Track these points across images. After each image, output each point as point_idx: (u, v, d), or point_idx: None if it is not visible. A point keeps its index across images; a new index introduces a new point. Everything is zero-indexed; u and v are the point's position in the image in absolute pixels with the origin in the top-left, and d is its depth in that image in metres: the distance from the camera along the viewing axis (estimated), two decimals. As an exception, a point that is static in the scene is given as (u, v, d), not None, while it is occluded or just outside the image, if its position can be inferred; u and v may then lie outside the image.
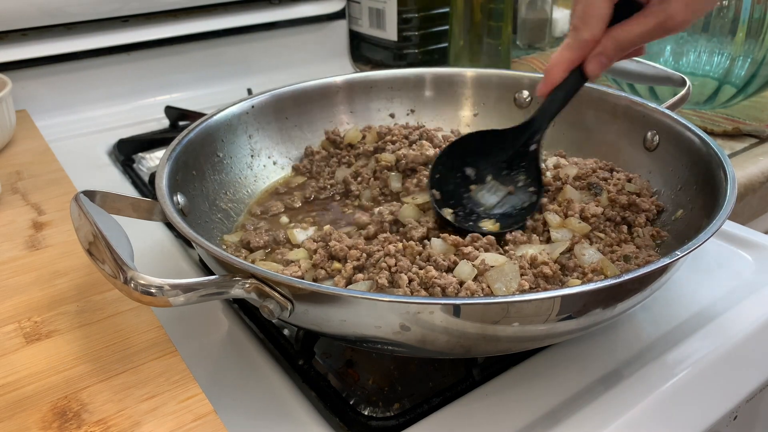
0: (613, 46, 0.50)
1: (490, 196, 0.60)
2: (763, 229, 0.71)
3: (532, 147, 0.58)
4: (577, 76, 0.53)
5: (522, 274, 0.48)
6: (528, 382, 0.47)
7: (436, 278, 0.46)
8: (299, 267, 0.50)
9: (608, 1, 0.49)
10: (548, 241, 0.54)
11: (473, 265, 0.48)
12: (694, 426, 0.46)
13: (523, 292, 0.46)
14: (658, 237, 0.55)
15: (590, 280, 0.48)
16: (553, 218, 0.55)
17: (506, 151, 0.60)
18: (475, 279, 0.47)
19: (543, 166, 0.63)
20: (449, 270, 0.48)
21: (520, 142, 0.59)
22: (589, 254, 0.51)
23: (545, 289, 0.47)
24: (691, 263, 0.59)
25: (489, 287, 0.46)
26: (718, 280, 0.57)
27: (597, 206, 0.57)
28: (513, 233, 0.54)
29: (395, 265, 0.47)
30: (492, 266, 0.48)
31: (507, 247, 0.52)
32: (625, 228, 0.56)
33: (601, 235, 0.55)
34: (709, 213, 0.48)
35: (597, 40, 0.50)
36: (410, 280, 0.46)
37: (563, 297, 0.39)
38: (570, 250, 0.52)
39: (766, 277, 0.57)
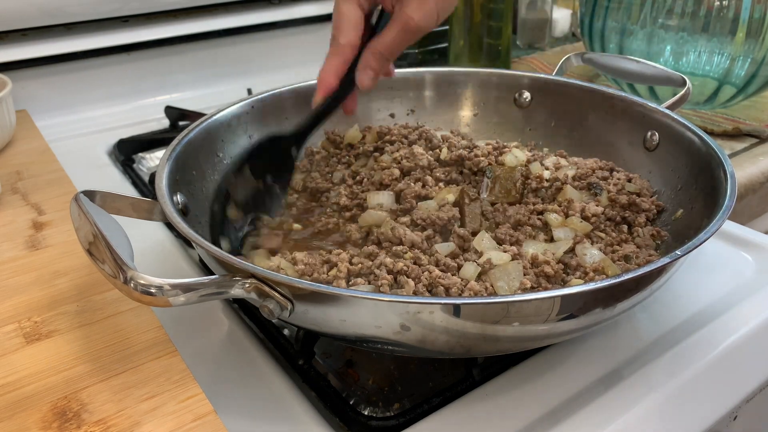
0: (374, 57, 0.54)
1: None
2: (763, 229, 0.71)
3: (294, 151, 0.62)
4: (346, 84, 0.56)
5: (524, 274, 0.48)
6: (528, 382, 0.47)
7: (440, 278, 0.46)
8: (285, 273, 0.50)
9: (356, 8, 0.53)
10: (551, 240, 0.54)
11: (477, 264, 0.48)
12: (694, 426, 0.46)
13: (524, 291, 0.46)
14: (658, 237, 0.55)
15: (592, 280, 0.48)
16: (554, 218, 0.55)
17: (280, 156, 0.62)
18: (478, 277, 0.47)
19: (541, 165, 0.64)
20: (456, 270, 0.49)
21: (286, 145, 0.62)
22: (591, 254, 0.51)
23: (546, 289, 0.47)
24: (691, 263, 0.59)
25: (492, 286, 0.46)
26: (718, 280, 0.57)
27: (597, 206, 0.57)
28: (515, 232, 0.54)
29: (406, 267, 0.47)
30: (496, 265, 0.48)
31: (511, 247, 0.52)
32: (625, 228, 0.56)
33: (602, 234, 0.55)
34: (709, 213, 0.48)
35: (354, 45, 0.54)
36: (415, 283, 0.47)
37: (563, 297, 0.39)
38: (572, 249, 0.52)
39: (766, 277, 0.57)
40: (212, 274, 0.47)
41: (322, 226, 0.59)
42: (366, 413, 0.46)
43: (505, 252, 0.50)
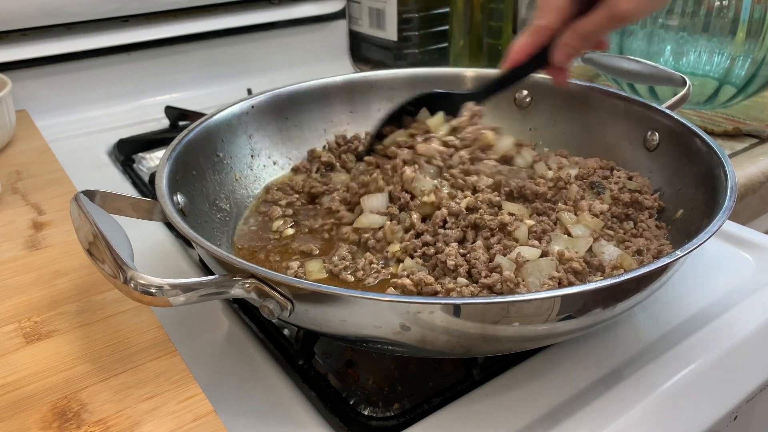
0: (575, 36, 0.55)
1: None
2: (763, 229, 0.71)
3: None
4: (537, 60, 0.58)
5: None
6: (528, 382, 0.47)
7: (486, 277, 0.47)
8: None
9: None
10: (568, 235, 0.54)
11: (509, 260, 0.48)
12: (694, 426, 0.46)
13: (554, 286, 0.47)
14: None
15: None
16: (569, 217, 0.55)
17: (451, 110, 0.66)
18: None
19: (546, 165, 0.63)
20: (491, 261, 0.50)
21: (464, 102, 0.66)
22: (609, 251, 0.51)
23: (573, 285, 0.47)
24: (691, 263, 0.59)
25: (524, 280, 0.47)
26: (718, 280, 0.57)
27: (602, 204, 0.57)
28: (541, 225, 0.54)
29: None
30: (528, 260, 0.48)
31: (541, 241, 0.52)
32: (630, 224, 0.56)
33: (611, 232, 0.55)
34: (709, 213, 0.48)
35: (553, 28, 0.55)
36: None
37: (563, 297, 0.39)
38: (589, 249, 0.52)
39: (766, 277, 0.57)
40: (212, 274, 0.47)
41: (320, 227, 0.60)
42: (366, 413, 0.46)
43: (535, 247, 0.50)
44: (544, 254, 0.50)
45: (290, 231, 0.60)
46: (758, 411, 0.54)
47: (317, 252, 0.56)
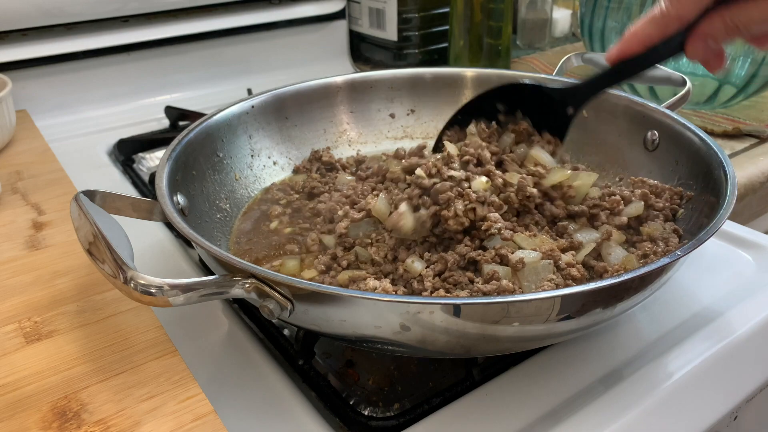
0: (725, 26, 0.43)
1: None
2: (763, 229, 0.71)
3: (570, 110, 0.54)
4: (657, 53, 0.48)
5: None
6: (528, 382, 0.47)
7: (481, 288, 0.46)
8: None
9: None
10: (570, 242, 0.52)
11: (506, 264, 0.48)
12: (694, 426, 0.46)
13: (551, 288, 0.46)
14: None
15: None
16: (572, 228, 0.53)
17: (539, 108, 0.55)
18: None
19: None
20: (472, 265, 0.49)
21: (559, 102, 0.55)
22: (615, 254, 0.51)
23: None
24: (691, 263, 0.59)
25: (519, 284, 0.47)
26: (718, 280, 0.57)
27: (622, 216, 0.55)
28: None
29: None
30: (527, 264, 0.47)
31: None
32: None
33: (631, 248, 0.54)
34: (709, 213, 0.48)
35: (685, 19, 0.44)
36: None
37: (563, 297, 0.39)
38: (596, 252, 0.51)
39: (766, 277, 0.57)
40: (212, 274, 0.47)
41: (305, 232, 0.59)
42: (366, 413, 0.46)
43: (534, 250, 0.49)
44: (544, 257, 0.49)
45: (288, 230, 0.60)
46: (758, 411, 0.54)
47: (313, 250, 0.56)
